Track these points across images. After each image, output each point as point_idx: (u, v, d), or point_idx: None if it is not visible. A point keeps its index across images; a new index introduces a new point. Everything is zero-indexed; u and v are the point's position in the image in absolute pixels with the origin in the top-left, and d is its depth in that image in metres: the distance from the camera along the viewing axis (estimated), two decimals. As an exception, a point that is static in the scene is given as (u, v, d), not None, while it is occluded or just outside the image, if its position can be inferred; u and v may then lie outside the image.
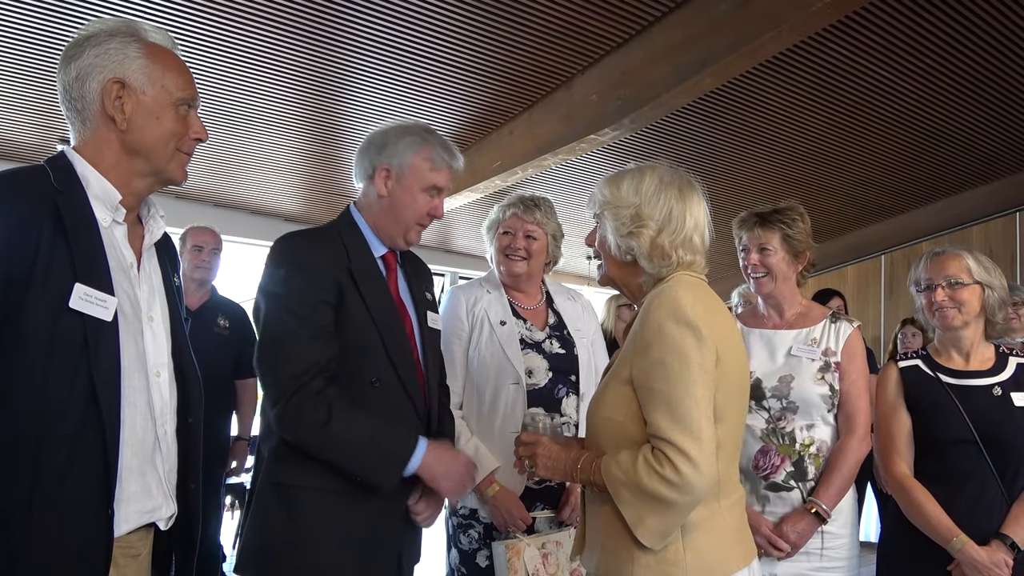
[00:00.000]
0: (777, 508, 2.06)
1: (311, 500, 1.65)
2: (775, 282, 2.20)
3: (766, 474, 2.08)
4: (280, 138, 5.26)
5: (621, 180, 1.55)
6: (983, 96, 4.63)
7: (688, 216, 1.52)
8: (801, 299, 2.27)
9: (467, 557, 2.25)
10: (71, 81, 1.36)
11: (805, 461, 2.07)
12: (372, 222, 1.83)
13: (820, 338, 2.16)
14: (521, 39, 3.90)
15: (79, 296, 1.24)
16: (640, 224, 1.50)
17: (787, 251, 2.19)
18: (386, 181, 1.79)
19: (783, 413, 2.09)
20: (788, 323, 2.22)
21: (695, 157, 5.51)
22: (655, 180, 1.52)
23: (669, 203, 1.51)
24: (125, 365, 1.30)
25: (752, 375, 2.13)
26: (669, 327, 1.37)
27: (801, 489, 2.05)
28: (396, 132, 1.81)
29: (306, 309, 1.66)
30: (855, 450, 2.08)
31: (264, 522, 1.68)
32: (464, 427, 2.24)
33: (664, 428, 1.34)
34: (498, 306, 2.34)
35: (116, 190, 1.36)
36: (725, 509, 1.44)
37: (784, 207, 2.23)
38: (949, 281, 2.05)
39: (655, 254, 1.50)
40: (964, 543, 1.91)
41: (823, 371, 2.12)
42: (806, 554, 2.05)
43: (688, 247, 1.52)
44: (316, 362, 1.64)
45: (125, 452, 1.30)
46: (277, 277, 1.71)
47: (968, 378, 2.07)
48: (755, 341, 2.21)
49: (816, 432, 2.09)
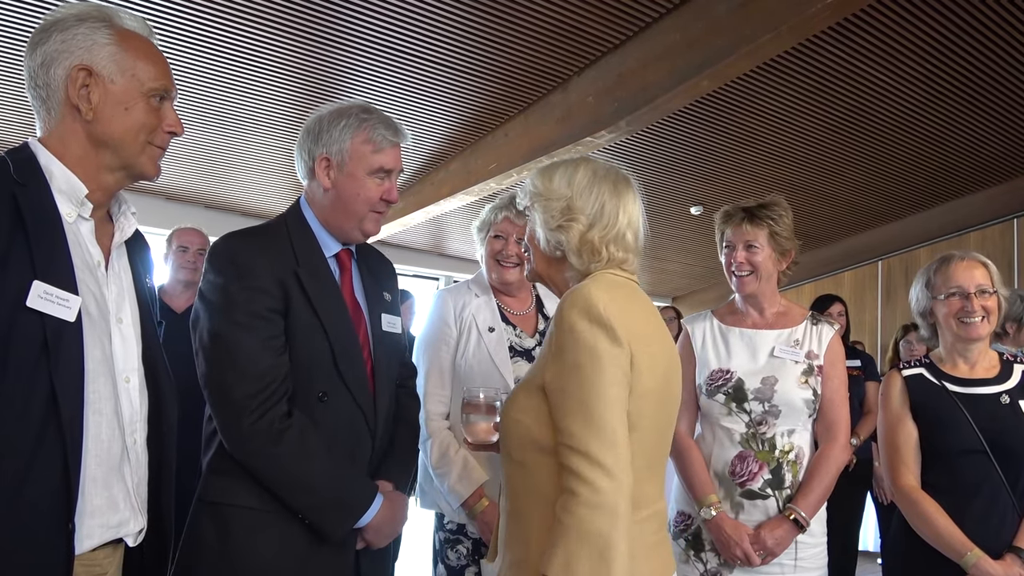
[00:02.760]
0: (751, 516, 2.01)
1: (245, 520, 1.53)
2: (759, 281, 2.12)
3: (742, 481, 2.01)
4: (272, 139, 5.21)
5: (553, 171, 1.47)
6: (982, 101, 4.61)
7: (621, 212, 1.44)
8: (780, 298, 2.20)
9: (455, 573, 2.16)
10: (36, 67, 1.29)
11: (783, 469, 2.01)
12: (322, 218, 1.69)
13: (802, 339, 2.10)
14: (517, 40, 3.85)
15: (38, 294, 1.16)
16: (570, 218, 1.42)
17: (773, 248, 2.11)
18: (328, 171, 1.65)
19: (764, 417, 2.03)
20: (768, 323, 2.15)
21: (692, 161, 5.48)
22: (588, 173, 1.45)
23: (602, 197, 1.43)
24: (90, 369, 1.23)
25: (733, 375, 2.08)
26: (581, 327, 1.30)
27: (777, 497, 2.00)
28: (330, 117, 1.65)
29: (254, 319, 1.52)
30: (837, 458, 2.03)
31: (193, 546, 1.56)
32: (451, 438, 2.13)
33: (576, 434, 1.26)
34: (487, 311, 2.23)
35: (82, 184, 1.28)
36: (635, 524, 1.32)
37: (770, 202, 2.13)
38: (980, 289, 1.99)
39: (584, 249, 1.42)
40: (978, 557, 1.85)
41: (807, 374, 2.06)
42: (779, 565, 1.99)
43: (620, 244, 1.44)
44: (273, 379, 1.51)
45: (88, 462, 1.22)
46: (217, 285, 1.56)
47: (974, 386, 2.01)
48: (735, 340, 2.14)
49: (796, 439, 2.04)
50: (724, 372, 2.09)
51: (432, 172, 5.78)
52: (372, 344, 1.70)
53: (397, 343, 1.80)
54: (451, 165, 5.56)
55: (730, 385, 2.07)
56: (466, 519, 2.12)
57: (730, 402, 2.06)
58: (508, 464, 1.42)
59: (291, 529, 1.53)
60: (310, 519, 1.54)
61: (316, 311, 1.59)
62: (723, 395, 2.07)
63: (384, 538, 1.64)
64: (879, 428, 2.11)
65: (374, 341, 1.71)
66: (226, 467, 1.54)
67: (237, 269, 1.56)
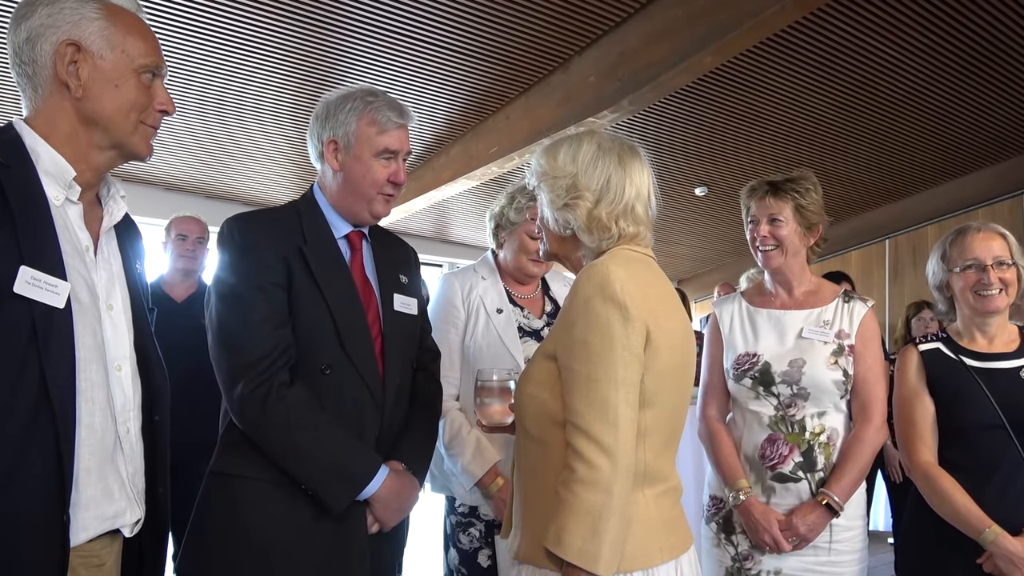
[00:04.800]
0: (783, 500, 1.96)
1: (251, 491, 1.55)
2: (785, 256, 2.06)
3: (772, 464, 1.97)
4: (272, 126, 5.16)
5: (558, 149, 1.46)
6: (990, 75, 4.53)
7: (628, 184, 1.42)
8: (811, 276, 2.14)
9: (468, 557, 2.15)
10: (21, 43, 1.24)
11: (815, 451, 1.96)
12: (333, 201, 1.72)
13: (832, 319, 2.04)
14: (516, 20, 3.79)
15: (25, 280, 1.12)
16: (576, 195, 1.41)
17: (799, 223, 2.06)
18: (336, 154, 1.68)
19: (793, 400, 1.98)
20: (797, 302, 2.10)
21: (696, 140, 5.42)
22: (593, 147, 1.43)
23: (607, 171, 1.41)
24: (81, 357, 1.19)
25: (760, 359, 2.04)
26: (595, 304, 1.29)
27: (809, 480, 1.95)
28: (337, 101, 1.69)
29: (254, 292, 1.56)
30: (872, 440, 1.97)
31: (202, 516, 1.59)
32: (463, 419, 2.13)
33: (579, 412, 1.27)
34: (494, 293, 2.24)
35: (70, 166, 1.24)
36: (651, 499, 1.35)
37: (797, 176, 2.08)
38: (998, 261, 1.94)
39: (594, 226, 1.41)
40: (997, 534, 1.81)
41: (836, 355, 1.99)
42: (814, 548, 1.95)
43: (630, 218, 1.42)
44: (273, 348, 1.53)
45: (82, 452, 1.18)
46: (223, 261, 1.61)
47: (992, 360, 1.96)
48: (763, 322, 2.10)
49: (827, 420, 1.98)
50: (751, 356, 2.06)
51: (433, 157, 5.73)
52: (383, 322, 1.70)
53: (411, 323, 1.79)
54: (452, 150, 5.51)
55: (756, 369, 2.03)
56: (480, 500, 2.11)
57: (757, 386, 2.02)
58: (525, 440, 1.41)
59: (297, 502, 1.54)
60: (311, 489, 1.54)
61: (319, 285, 1.61)
62: (750, 379, 2.03)
63: (393, 513, 1.64)
64: (895, 404, 2.07)
65: (385, 320, 1.70)
66: (235, 439, 1.57)
67: (239, 244, 1.60)
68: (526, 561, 1.35)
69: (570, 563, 1.23)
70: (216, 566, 1.54)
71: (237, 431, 1.56)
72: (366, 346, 1.64)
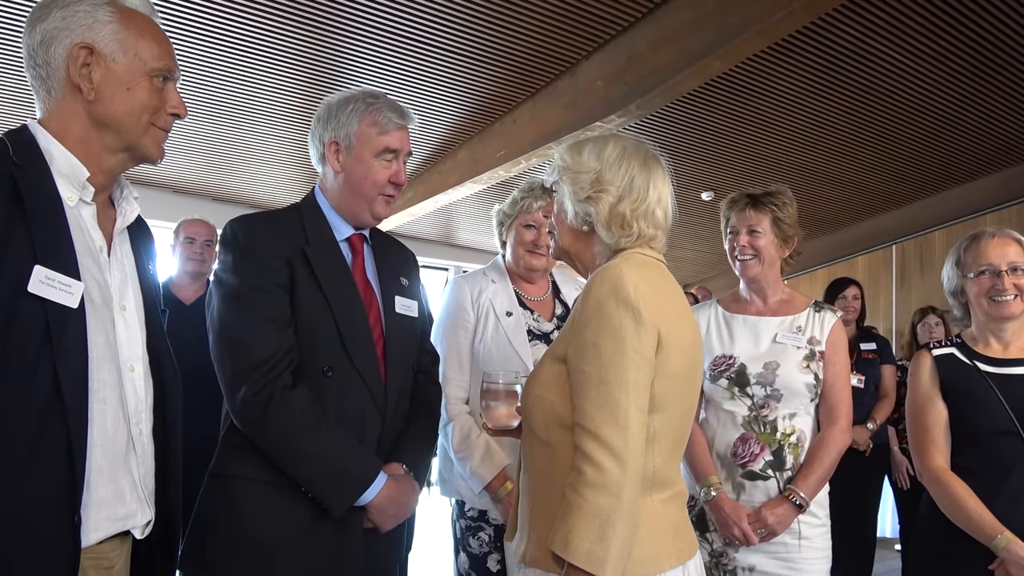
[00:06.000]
0: (752, 497, 2.04)
1: (250, 492, 1.55)
2: (762, 265, 2.17)
3: (744, 462, 2.05)
4: (280, 129, 5.17)
5: (583, 146, 1.47)
6: (998, 80, 4.52)
7: (651, 188, 1.43)
8: (783, 286, 2.25)
9: (477, 561, 2.15)
10: (35, 46, 1.25)
11: (784, 451, 2.04)
12: (334, 202, 1.73)
13: (805, 326, 2.14)
14: (523, 24, 3.79)
15: (39, 279, 1.12)
16: (600, 189, 1.41)
17: (776, 234, 2.17)
18: (337, 155, 1.69)
19: (767, 401, 2.06)
20: (771, 310, 2.20)
21: (703, 145, 5.41)
22: (618, 147, 1.44)
23: (632, 171, 1.42)
24: (94, 357, 1.19)
25: (736, 360, 2.11)
26: (608, 306, 1.29)
27: (778, 479, 2.03)
28: (338, 103, 1.70)
29: (256, 294, 1.56)
30: (838, 442, 2.06)
31: (203, 516, 1.59)
32: (472, 422, 2.12)
33: (589, 414, 1.26)
34: (504, 296, 2.24)
35: (83, 166, 1.25)
36: (659, 504, 1.35)
37: (775, 190, 2.19)
38: (1013, 267, 1.94)
39: (614, 222, 1.40)
40: (1009, 540, 1.80)
41: (808, 359, 2.09)
42: (783, 544, 2.01)
43: (650, 220, 1.43)
44: (275, 350, 1.53)
45: (94, 453, 1.18)
46: (226, 263, 1.61)
47: (1007, 366, 1.95)
48: (739, 327, 2.19)
49: (797, 422, 2.07)
50: (727, 358, 2.14)
51: (439, 161, 5.73)
52: (384, 325, 1.70)
53: (412, 326, 1.80)
54: (458, 153, 5.51)
55: (732, 370, 2.11)
56: (489, 504, 2.11)
57: (733, 386, 2.10)
58: (533, 442, 1.40)
59: (296, 503, 1.54)
60: (311, 491, 1.54)
61: (322, 287, 1.61)
62: (726, 380, 2.11)
63: (389, 519, 1.63)
64: (907, 409, 2.07)
65: (387, 322, 1.70)
66: (236, 440, 1.57)
67: (242, 246, 1.60)
68: (533, 565, 1.34)
69: (576, 566, 1.22)
70: (216, 566, 1.54)
71: (238, 432, 1.56)
72: (368, 348, 1.64)
